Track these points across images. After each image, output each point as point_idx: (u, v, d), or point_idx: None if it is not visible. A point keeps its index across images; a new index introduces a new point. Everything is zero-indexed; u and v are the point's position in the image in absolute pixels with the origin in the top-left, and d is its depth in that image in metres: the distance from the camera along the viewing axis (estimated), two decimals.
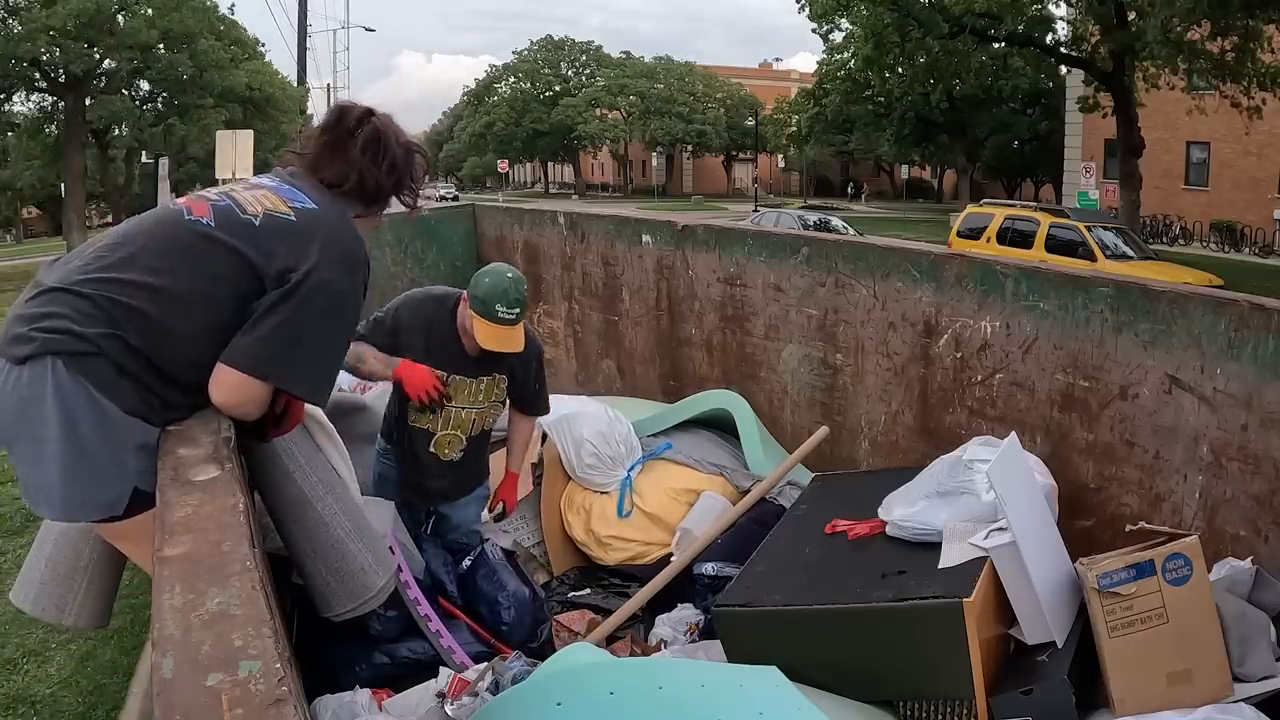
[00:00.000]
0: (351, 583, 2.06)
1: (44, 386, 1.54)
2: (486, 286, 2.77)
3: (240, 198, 1.75)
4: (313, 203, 1.78)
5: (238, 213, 1.71)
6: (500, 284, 2.77)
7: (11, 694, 3.06)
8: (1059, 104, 29.42)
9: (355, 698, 2.36)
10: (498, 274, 2.82)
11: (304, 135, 1.93)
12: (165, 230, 1.70)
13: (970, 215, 15.73)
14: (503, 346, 2.82)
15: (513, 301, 2.77)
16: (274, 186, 1.82)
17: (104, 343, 1.57)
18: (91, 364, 1.56)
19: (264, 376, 1.68)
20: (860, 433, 3.81)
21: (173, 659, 0.98)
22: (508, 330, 2.80)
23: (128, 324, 1.59)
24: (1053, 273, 3.23)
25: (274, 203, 1.74)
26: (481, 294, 2.77)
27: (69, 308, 1.59)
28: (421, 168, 2.01)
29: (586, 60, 56.91)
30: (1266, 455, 2.49)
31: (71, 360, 1.55)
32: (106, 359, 1.57)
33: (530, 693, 1.90)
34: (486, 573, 3.01)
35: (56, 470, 1.57)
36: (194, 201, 1.74)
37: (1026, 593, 2.32)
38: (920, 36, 19.47)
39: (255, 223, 1.70)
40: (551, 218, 5.60)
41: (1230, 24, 15.37)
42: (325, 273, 1.69)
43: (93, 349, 1.56)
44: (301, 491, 1.98)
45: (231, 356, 1.65)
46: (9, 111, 31.46)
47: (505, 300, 2.76)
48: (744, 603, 2.56)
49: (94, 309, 1.59)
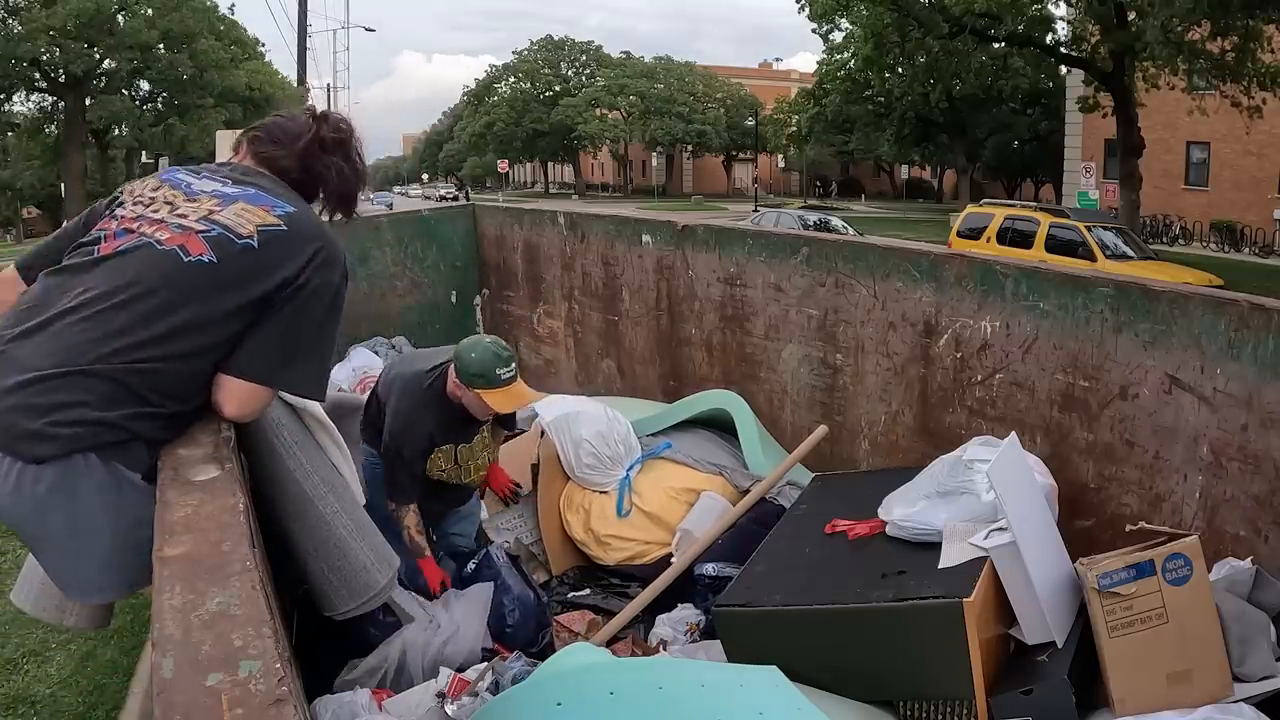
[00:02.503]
0: (354, 581, 2.06)
1: (77, 484, 1.49)
2: (478, 362, 2.82)
3: (225, 219, 1.67)
4: (289, 205, 1.76)
5: (234, 240, 1.65)
6: (486, 354, 2.83)
7: (11, 694, 3.06)
8: (1059, 104, 29.41)
9: (355, 698, 2.36)
10: (479, 346, 2.87)
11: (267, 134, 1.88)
12: (166, 277, 1.60)
13: (970, 215, 15.72)
14: (517, 404, 2.96)
15: (505, 360, 2.84)
16: (239, 195, 1.74)
17: (136, 426, 1.53)
18: (128, 451, 1.53)
19: (272, 384, 1.70)
20: (860, 433, 3.81)
21: (173, 659, 0.98)
22: (515, 388, 2.88)
23: (150, 390, 1.55)
24: (1053, 273, 3.23)
25: (260, 216, 1.70)
26: (477, 370, 2.82)
27: (88, 394, 1.50)
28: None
29: (586, 60, 56.91)
30: (1266, 455, 2.49)
31: (105, 451, 1.51)
32: (141, 441, 1.55)
33: (530, 693, 1.91)
34: (490, 576, 3.01)
35: (98, 564, 1.56)
36: (183, 238, 1.63)
37: (1026, 593, 2.32)
38: (920, 36, 19.47)
39: (254, 244, 1.66)
40: (551, 218, 5.60)
41: (1230, 24, 15.37)
42: (320, 276, 1.71)
43: (127, 436, 1.52)
44: (303, 490, 1.98)
45: (239, 368, 1.65)
46: (9, 111, 31.45)
47: (499, 363, 2.83)
48: (744, 603, 2.56)
49: (115, 389, 1.52)
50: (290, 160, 1.86)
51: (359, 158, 1.96)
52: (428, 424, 2.94)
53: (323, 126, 1.90)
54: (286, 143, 1.87)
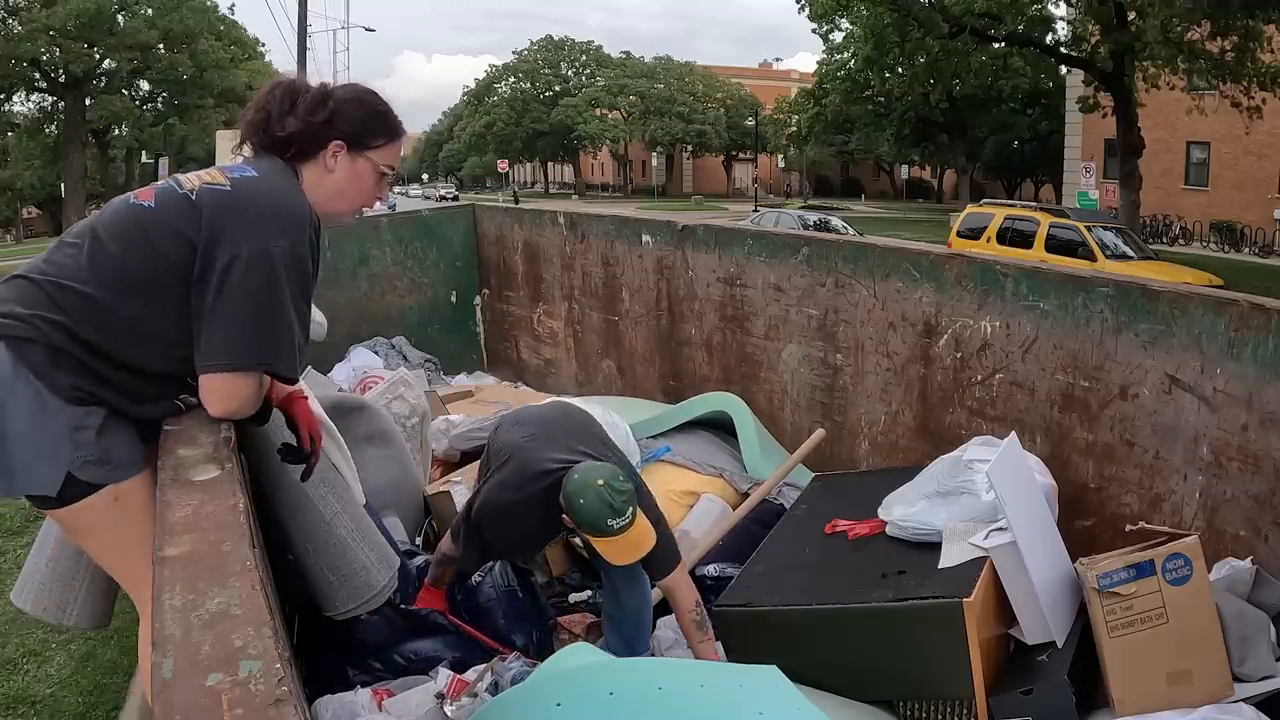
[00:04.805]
0: (354, 581, 2.06)
1: None
2: (586, 511, 2.36)
3: (182, 178, 1.75)
4: (254, 171, 1.76)
5: (175, 189, 1.71)
6: (597, 504, 2.35)
7: (11, 694, 3.06)
8: (1059, 104, 29.42)
9: (355, 698, 2.36)
10: (588, 491, 2.37)
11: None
12: (112, 217, 1.71)
13: (970, 215, 15.72)
14: (632, 556, 2.44)
15: (618, 509, 2.36)
16: (220, 165, 1.83)
17: (43, 326, 1.59)
18: (29, 349, 1.58)
19: (239, 368, 1.65)
20: (860, 433, 3.81)
21: (173, 659, 0.98)
22: (631, 535, 2.40)
23: (74, 309, 1.61)
24: (1053, 273, 3.23)
25: (214, 176, 1.73)
26: (588, 519, 2.37)
27: (16, 292, 1.63)
28: (371, 105, 1.91)
29: (586, 60, 56.89)
30: (1266, 455, 2.49)
31: (12, 344, 1.58)
32: (42, 345, 1.59)
33: (530, 693, 1.91)
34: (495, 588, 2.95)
35: None
36: (141, 190, 1.76)
37: (1026, 593, 2.32)
38: (920, 36, 19.47)
39: (191, 197, 1.68)
40: (551, 218, 5.60)
41: (1230, 24, 15.38)
42: (258, 242, 1.64)
43: (30, 333, 1.59)
44: (303, 491, 1.98)
45: (200, 361, 1.64)
46: (9, 111, 31.47)
47: (610, 514, 2.36)
48: (744, 602, 2.56)
49: (39, 294, 1.61)
50: (275, 127, 1.83)
51: (319, 89, 1.88)
52: (520, 533, 2.63)
53: (272, 91, 1.88)
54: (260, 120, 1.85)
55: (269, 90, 1.88)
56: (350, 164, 1.86)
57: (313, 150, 1.83)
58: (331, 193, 1.84)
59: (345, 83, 1.98)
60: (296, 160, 1.83)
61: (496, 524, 2.57)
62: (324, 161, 1.84)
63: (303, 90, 1.86)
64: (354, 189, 1.88)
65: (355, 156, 1.86)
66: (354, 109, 1.87)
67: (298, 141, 1.82)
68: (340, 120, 1.84)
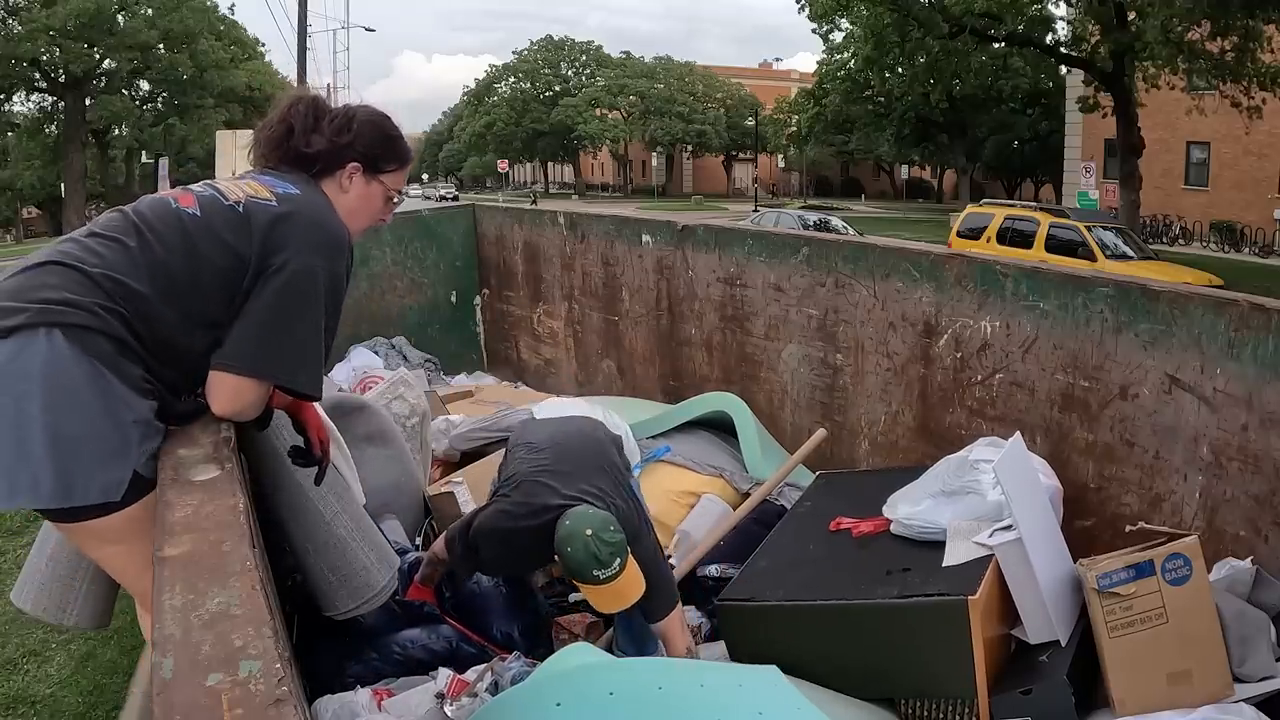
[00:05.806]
0: (354, 581, 2.06)
1: (34, 358, 1.46)
2: (573, 560, 2.34)
3: (223, 187, 1.74)
4: (295, 188, 1.77)
5: (220, 199, 1.70)
6: (582, 555, 2.31)
7: (11, 694, 3.06)
8: (1059, 104, 29.43)
9: (355, 698, 2.36)
10: (575, 541, 2.34)
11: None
12: (158, 221, 1.66)
13: (970, 215, 15.72)
14: (618, 606, 2.43)
15: (604, 561, 2.32)
16: (256, 175, 1.82)
17: (105, 315, 1.52)
18: (93, 337, 1.51)
19: (254, 375, 1.66)
20: (860, 433, 3.81)
21: (173, 659, 0.98)
22: (615, 587, 2.36)
23: (128, 302, 1.56)
24: (1053, 273, 3.22)
25: (255, 189, 1.73)
26: (574, 567, 2.36)
27: (62, 279, 1.53)
28: (386, 130, 1.94)
29: (586, 60, 56.91)
30: (1266, 455, 2.49)
31: (70, 331, 1.49)
32: (107, 335, 1.52)
33: (530, 693, 1.91)
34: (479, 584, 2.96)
35: (45, 448, 1.46)
36: (179, 194, 1.72)
37: (1031, 591, 2.32)
38: (920, 36, 19.49)
39: (239, 209, 1.68)
40: (551, 218, 5.60)
41: (1230, 24, 15.39)
42: (304, 259, 1.66)
43: (95, 322, 1.51)
44: (303, 491, 1.98)
45: (220, 359, 1.64)
46: (9, 111, 31.47)
47: (596, 565, 2.32)
48: (747, 598, 2.56)
49: (89, 283, 1.54)
50: (299, 142, 1.86)
51: (343, 110, 1.92)
52: (514, 559, 2.66)
53: (295, 105, 1.90)
54: (281, 135, 1.87)
55: (292, 104, 1.90)
56: (364, 186, 1.91)
57: (332, 169, 1.88)
58: (344, 212, 1.86)
59: (362, 104, 2.01)
60: (317, 178, 1.86)
61: (493, 547, 2.59)
62: (340, 181, 1.88)
63: (326, 107, 1.90)
64: (365, 210, 1.93)
65: (369, 179, 1.91)
66: (371, 132, 1.91)
67: (322, 160, 1.86)
68: (359, 143, 1.89)
